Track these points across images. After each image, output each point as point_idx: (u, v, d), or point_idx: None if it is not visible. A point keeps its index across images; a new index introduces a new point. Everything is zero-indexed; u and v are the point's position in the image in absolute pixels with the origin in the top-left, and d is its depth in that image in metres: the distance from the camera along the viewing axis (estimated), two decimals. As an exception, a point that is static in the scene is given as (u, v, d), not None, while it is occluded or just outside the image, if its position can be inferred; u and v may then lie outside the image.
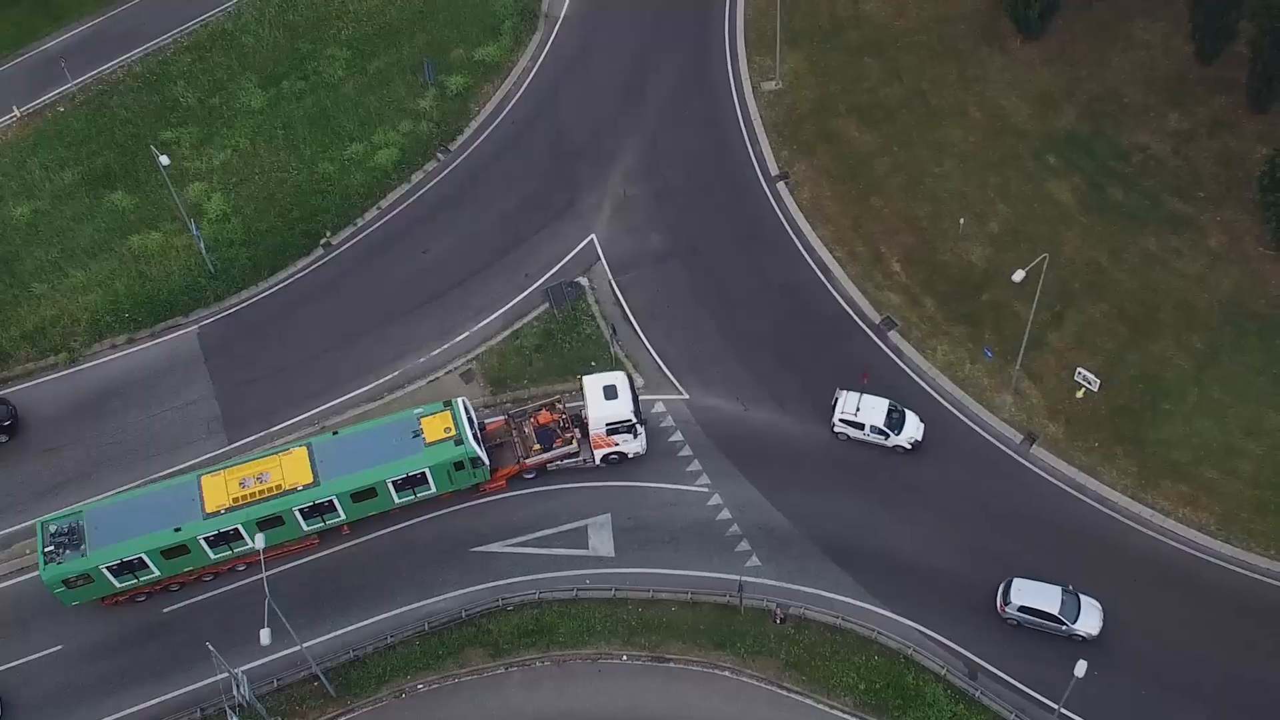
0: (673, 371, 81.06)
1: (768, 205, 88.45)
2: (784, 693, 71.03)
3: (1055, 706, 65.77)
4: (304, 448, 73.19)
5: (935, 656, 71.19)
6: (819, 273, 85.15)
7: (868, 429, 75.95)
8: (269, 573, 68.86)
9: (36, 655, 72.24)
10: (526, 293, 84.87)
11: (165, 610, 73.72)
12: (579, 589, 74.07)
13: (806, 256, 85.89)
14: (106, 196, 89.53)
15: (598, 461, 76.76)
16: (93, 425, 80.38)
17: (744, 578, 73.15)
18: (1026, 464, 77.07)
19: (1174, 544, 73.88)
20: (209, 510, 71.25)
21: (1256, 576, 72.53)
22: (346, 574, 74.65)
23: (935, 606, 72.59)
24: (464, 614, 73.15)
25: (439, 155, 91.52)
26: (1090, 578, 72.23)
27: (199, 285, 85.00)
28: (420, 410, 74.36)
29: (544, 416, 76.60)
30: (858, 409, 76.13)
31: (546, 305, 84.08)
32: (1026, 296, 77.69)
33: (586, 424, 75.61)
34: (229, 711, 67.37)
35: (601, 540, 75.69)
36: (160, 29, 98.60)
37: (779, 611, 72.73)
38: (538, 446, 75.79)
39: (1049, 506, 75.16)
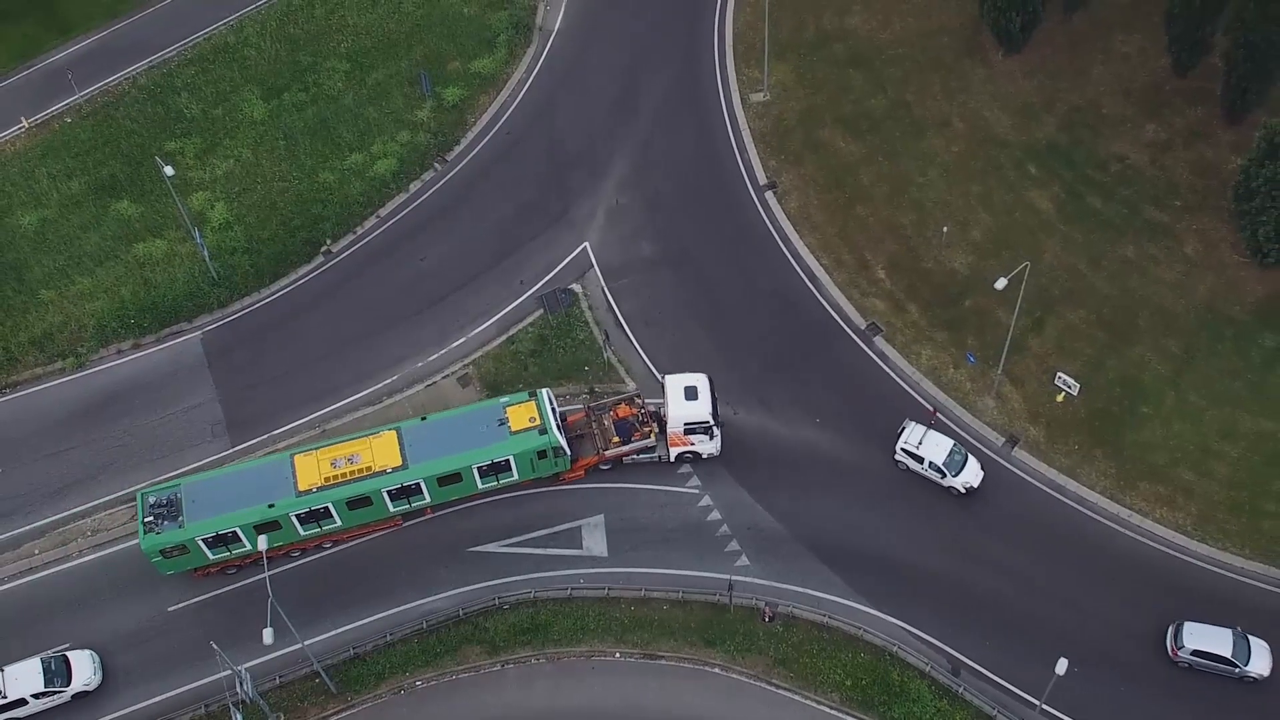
0: (664, 375, 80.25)
1: (756, 214, 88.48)
2: (773, 689, 71.06)
3: (1036, 703, 65.93)
4: (393, 431, 73.35)
5: (919, 653, 71.27)
6: (806, 280, 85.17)
7: (927, 464, 74.49)
8: (271, 572, 69.25)
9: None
10: (521, 299, 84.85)
11: (170, 609, 73.59)
12: (573, 588, 74.11)
13: (794, 264, 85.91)
14: (112, 205, 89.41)
15: (672, 459, 76.64)
16: (99, 429, 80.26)
17: (733, 577, 73.28)
18: (1008, 466, 77.10)
19: (1151, 544, 74.00)
20: (302, 488, 71.64)
21: (1232, 575, 72.68)
22: (346, 574, 74.61)
23: (920, 604, 72.65)
24: (461, 613, 73.18)
25: (436, 165, 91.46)
26: (1070, 576, 72.61)
27: (203, 292, 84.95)
28: (506, 399, 74.41)
29: (623, 410, 76.33)
30: (920, 442, 74.72)
31: (541, 311, 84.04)
32: (1008, 303, 77.90)
33: (665, 421, 75.46)
34: (233, 708, 67.45)
35: (595, 540, 75.71)
36: (164, 42, 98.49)
37: (767, 610, 72.71)
38: (617, 439, 75.50)
39: (1030, 507, 75.23)
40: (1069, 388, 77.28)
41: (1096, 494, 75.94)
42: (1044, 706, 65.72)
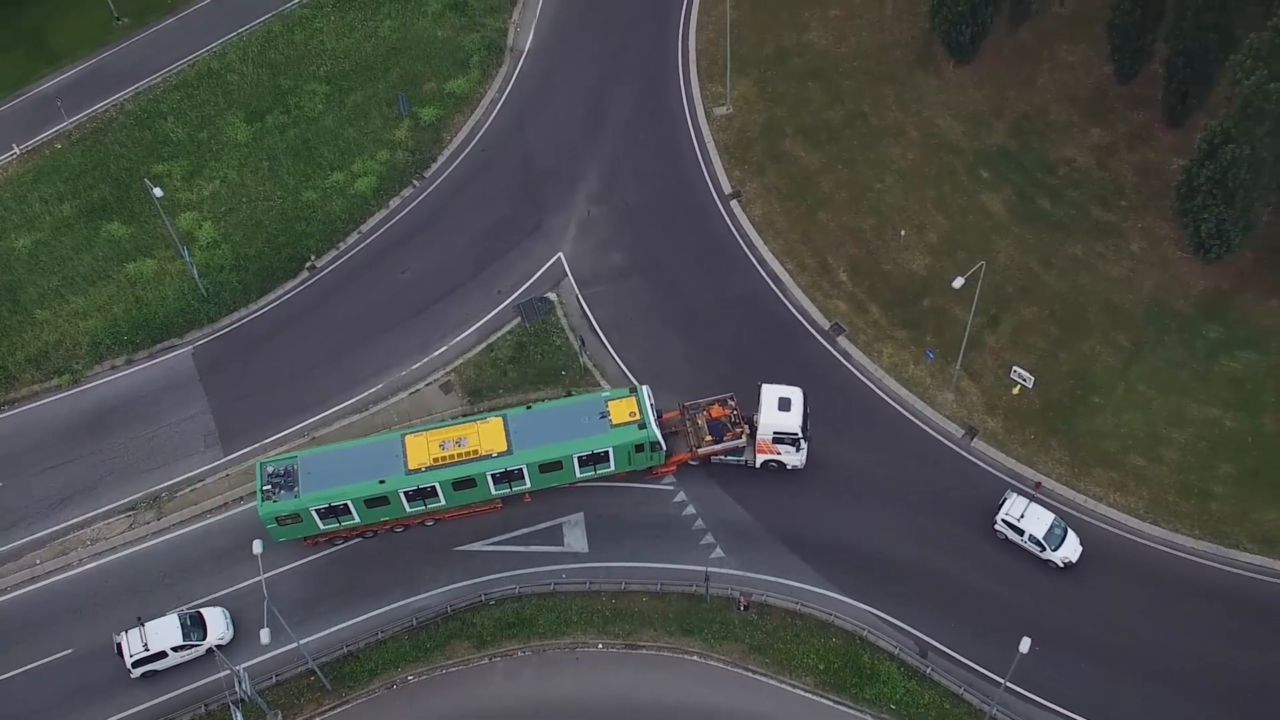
0: (637, 378, 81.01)
1: (722, 222, 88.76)
2: (749, 675, 71.43)
3: (1001, 681, 66.32)
4: (500, 418, 73.49)
5: (888, 637, 71.74)
6: (771, 283, 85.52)
7: (1027, 536, 72.41)
8: (267, 575, 69.38)
9: (48, 659, 71.99)
10: (499, 308, 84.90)
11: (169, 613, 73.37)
12: (556, 583, 74.30)
13: (759, 268, 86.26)
14: (103, 227, 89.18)
15: (757, 465, 76.21)
16: (95, 442, 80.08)
17: (709, 569, 73.43)
18: (968, 456, 77.68)
19: (1105, 527, 74.71)
20: (411, 467, 71.94)
21: (1182, 555, 73.50)
22: (339, 575, 74.62)
23: (887, 590, 73.12)
24: (449, 609, 73.29)
25: (414, 182, 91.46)
26: (1030, 561, 73.12)
27: (192, 308, 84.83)
28: (608, 394, 74.60)
29: (717, 410, 75.80)
30: (1023, 515, 72.57)
31: (519, 319, 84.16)
32: (965, 301, 78.56)
33: (756, 427, 75.29)
34: (232, 706, 67.58)
35: (576, 537, 75.90)
36: (150, 69, 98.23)
37: (742, 599, 73.05)
38: (709, 438, 75.16)
39: (990, 495, 75.73)
40: (1024, 380, 77.85)
41: (1053, 481, 76.56)
42: (1008, 684, 66.13)
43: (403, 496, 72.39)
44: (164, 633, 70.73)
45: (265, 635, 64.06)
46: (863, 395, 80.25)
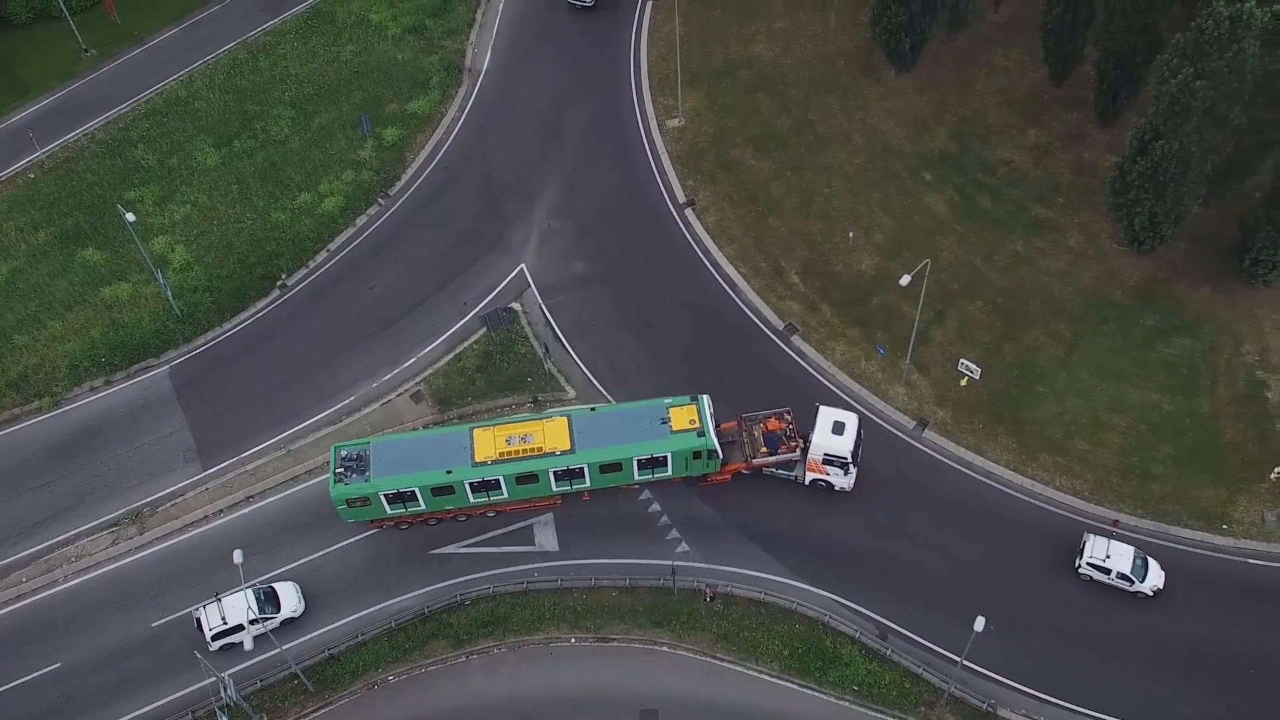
0: (601, 382, 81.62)
1: (677, 230, 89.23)
2: (717, 662, 71.94)
3: (958, 659, 67.02)
4: (565, 418, 73.51)
5: (849, 622, 72.41)
6: (726, 287, 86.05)
7: (1114, 574, 71.46)
8: (248, 584, 69.54)
9: (37, 673, 71.84)
10: (466, 319, 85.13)
11: (154, 624, 73.46)
12: (528, 582, 74.61)
13: (714, 273, 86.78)
14: (78, 253, 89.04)
15: (806, 482, 75.79)
16: (77, 462, 79.84)
17: (675, 562, 74.06)
18: (920, 446, 78.46)
19: (1053, 509, 75.65)
20: (478, 459, 72.12)
21: (1127, 534, 74.27)
22: (318, 580, 74.71)
23: (846, 577, 73.73)
24: (426, 610, 73.49)
25: (380, 200, 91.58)
26: (981, 544, 74.09)
27: (168, 329, 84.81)
28: (670, 401, 74.04)
29: (773, 424, 75.37)
30: (1107, 555, 71.54)
31: (485, 329, 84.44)
32: (912, 298, 79.41)
33: (809, 444, 74.73)
34: (218, 713, 67.59)
35: (546, 537, 76.23)
36: (119, 98, 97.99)
37: (708, 590, 73.56)
38: (764, 449, 74.88)
39: (942, 482, 76.71)
40: (971, 372, 78.64)
41: (1001, 467, 77.43)
42: (964, 662, 66.87)
43: (468, 487, 72.66)
44: (240, 607, 71.42)
45: (248, 642, 64.46)
46: (818, 391, 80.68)
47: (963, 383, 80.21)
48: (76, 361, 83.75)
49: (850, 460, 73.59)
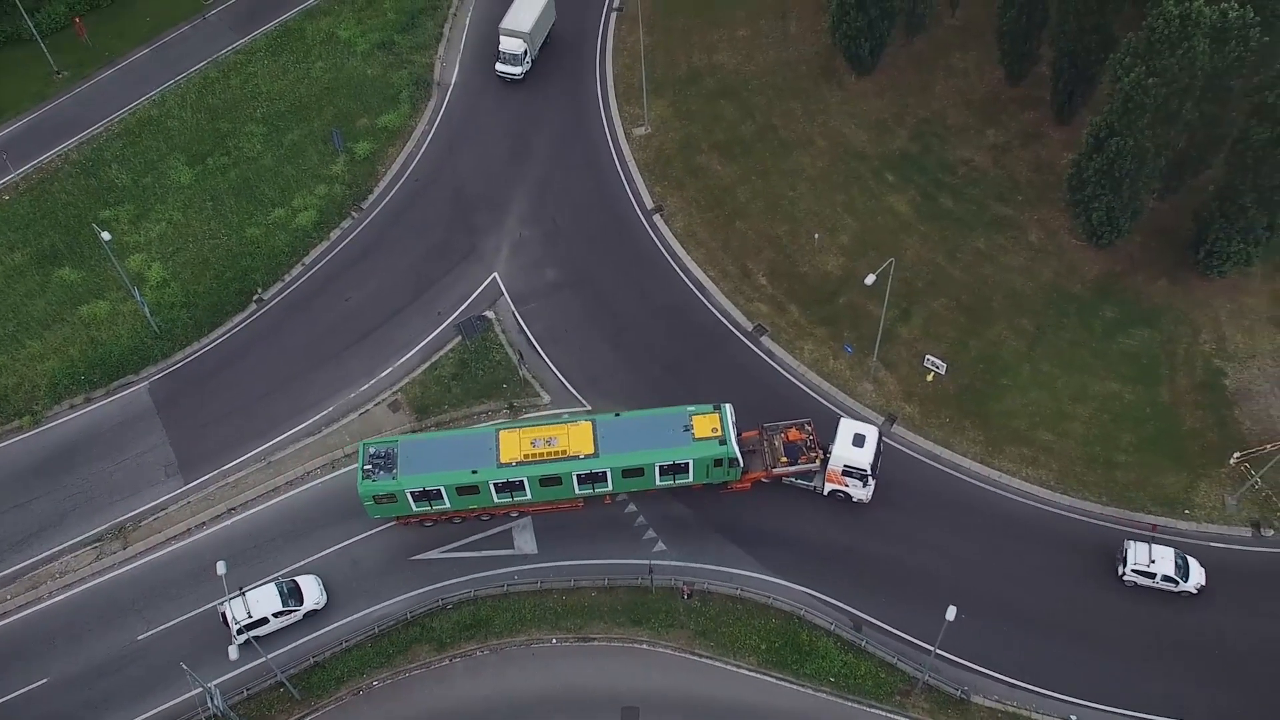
0: (574, 386, 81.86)
1: (646, 236, 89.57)
2: (696, 659, 72.25)
3: (931, 648, 67.60)
4: (589, 422, 73.45)
5: (824, 615, 72.86)
6: (696, 290, 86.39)
7: (1159, 577, 71.58)
8: (231, 595, 69.47)
9: (26, 689, 71.64)
10: (440, 328, 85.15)
11: (140, 638, 73.30)
12: (509, 585, 74.75)
13: (683, 277, 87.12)
14: (55, 272, 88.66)
15: (825, 493, 75.64)
16: (59, 479, 79.53)
17: (653, 561, 74.50)
18: (889, 441, 78.66)
19: (1020, 499, 76.39)
20: (503, 460, 72.17)
21: (1091, 521, 75.35)
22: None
23: (821, 571, 74.17)
24: (409, 615, 73.60)
25: (353, 214, 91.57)
26: (953, 533, 74.68)
27: (146, 345, 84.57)
28: (693, 409, 73.86)
29: (794, 434, 75.25)
30: (1151, 560, 71.61)
31: (459, 338, 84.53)
32: (877, 297, 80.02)
33: (828, 456, 74.58)
34: (206, 721, 67.86)
35: (525, 540, 76.41)
36: (92, 119, 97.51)
37: (685, 588, 73.88)
38: (784, 459, 74.72)
39: (911, 476, 77.17)
40: (937, 368, 79.39)
41: (969, 460, 78.09)
42: (938, 651, 67.41)
43: (492, 488, 72.76)
44: (264, 600, 72.06)
45: (234, 652, 64.23)
46: (788, 390, 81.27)
47: (929, 378, 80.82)
48: (56, 380, 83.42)
49: (869, 472, 73.46)
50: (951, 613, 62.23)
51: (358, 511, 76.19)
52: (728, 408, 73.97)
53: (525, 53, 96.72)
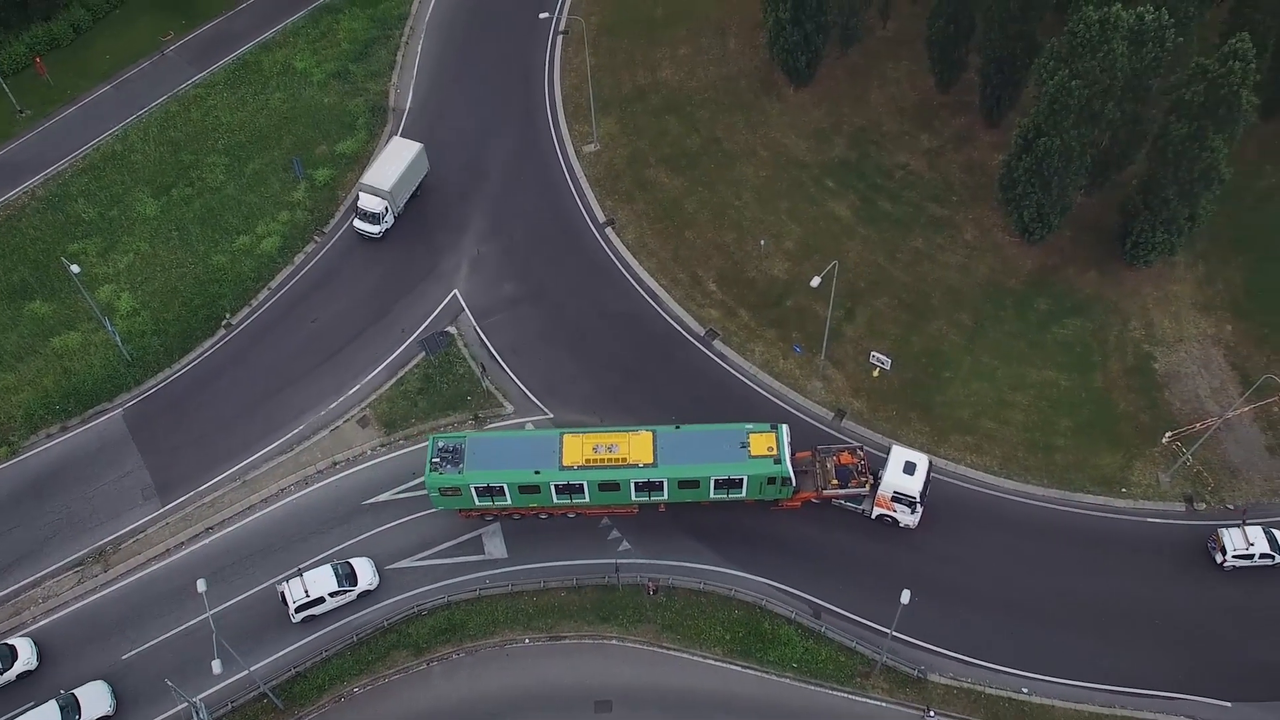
0: (537, 396, 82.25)
1: (599, 248, 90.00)
2: (664, 652, 72.94)
3: (888, 631, 68.59)
4: (650, 432, 73.29)
5: (785, 604, 73.68)
6: (649, 299, 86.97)
7: (1257, 556, 72.60)
8: (213, 610, 69.46)
9: (14, 713, 71.10)
10: (404, 345, 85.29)
11: (124, 657, 73.20)
12: (481, 589, 75.16)
13: (637, 287, 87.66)
14: (26, 306, 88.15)
15: (872, 516, 75.35)
16: (38, 506, 79.19)
17: (618, 560, 75.11)
18: (840, 436, 79.76)
19: (966, 485, 77.59)
20: (565, 463, 72.16)
21: (1034, 503, 76.68)
22: (278, 603, 74.59)
23: (779, 562, 74.99)
24: (386, 623, 73.88)
25: (315, 238, 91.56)
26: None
27: (119, 373, 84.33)
28: (751, 426, 73.59)
29: (846, 458, 74.91)
30: (1249, 543, 72.47)
31: (423, 354, 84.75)
32: (823, 298, 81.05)
33: (879, 480, 74.33)
34: (192, 736, 67.75)
35: (495, 545, 76.78)
36: (56, 156, 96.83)
37: (651, 584, 74.58)
38: (835, 482, 74.34)
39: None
40: (882, 363, 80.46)
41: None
42: (894, 633, 68.52)
43: (553, 489, 72.93)
44: (321, 581, 73.24)
45: (217, 666, 64.09)
46: (741, 391, 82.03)
47: (875, 374, 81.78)
48: (31, 410, 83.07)
49: (918, 500, 73.39)
50: (905, 596, 63.10)
51: (332, 525, 76.55)
52: (784, 428, 73.65)
53: (386, 210, 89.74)
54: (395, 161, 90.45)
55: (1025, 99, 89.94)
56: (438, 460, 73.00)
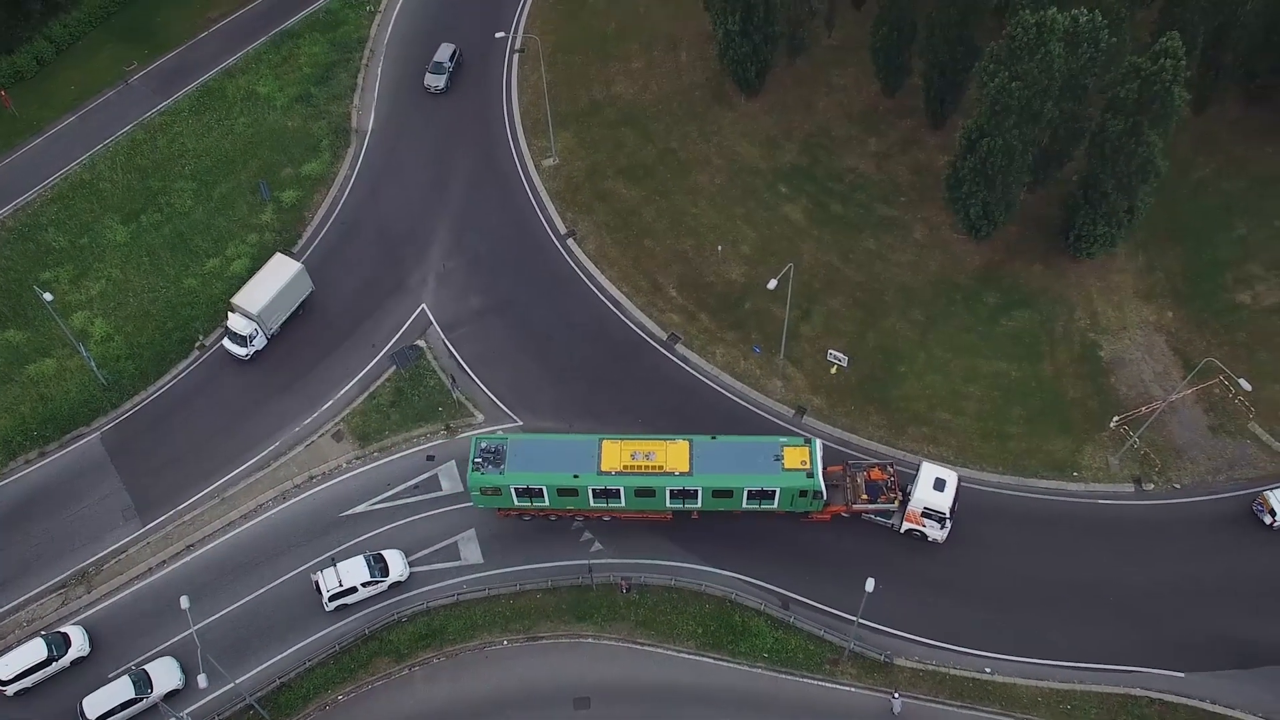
0: (506, 405, 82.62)
1: (562, 259, 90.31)
2: (639, 647, 73.45)
3: (854, 619, 69.47)
4: (687, 441, 73.01)
5: (754, 596, 74.31)
6: (612, 307, 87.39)
7: None
8: (197, 626, 69.43)
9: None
10: (375, 360, 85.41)
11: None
12: (459, 594, 75.41)
13: (599, 295, 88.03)
14: (0, 335, 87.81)
15: (901, 530, 75.25)
16: (20, 531, 78.80)
17: (591, 561, 75.55)
18: (801, 432, 79.84)
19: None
20: (603, 468, 71.95)
21: (988, 489, 77.65)
22: (264, 615, 74.82)
23: (748, 556, 75.58)
24: (367, 630, 74.06)
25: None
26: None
27: (95, 398, 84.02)
28: (785, 440, 73.43)
29: (876, 473, 74.78)
30: None
31: (394, 367, 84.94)
32: (780, 300, 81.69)
33: (908, 495, 74.44)
34: (180, 750, 67.76)
35: (471, 551, 77.07)
36: (24, 187, 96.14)
37: (623, 583, 75.06)
38: (865, 497, 74.16)
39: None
40: (840, 361, 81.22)
41: (875, 443, 79.97)
42: (860, 620, 69.29)
43: (590, 492, 72.84)
44: (354, 571, 74.25)
45: (203, 680, 64.12)
46: (704, 392, 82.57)
47: (833, 371, 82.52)
48: (9, 437, 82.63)
49: (948, 515, 73.59)
50: (870, 584, 63.87)
51: (311, 538, 76.62)
52: (817, 443, 73.69)
53: (256, 332, 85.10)
54: (269, 283, 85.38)
55: (968, 101, 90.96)
56: (480, 460, 73.09)
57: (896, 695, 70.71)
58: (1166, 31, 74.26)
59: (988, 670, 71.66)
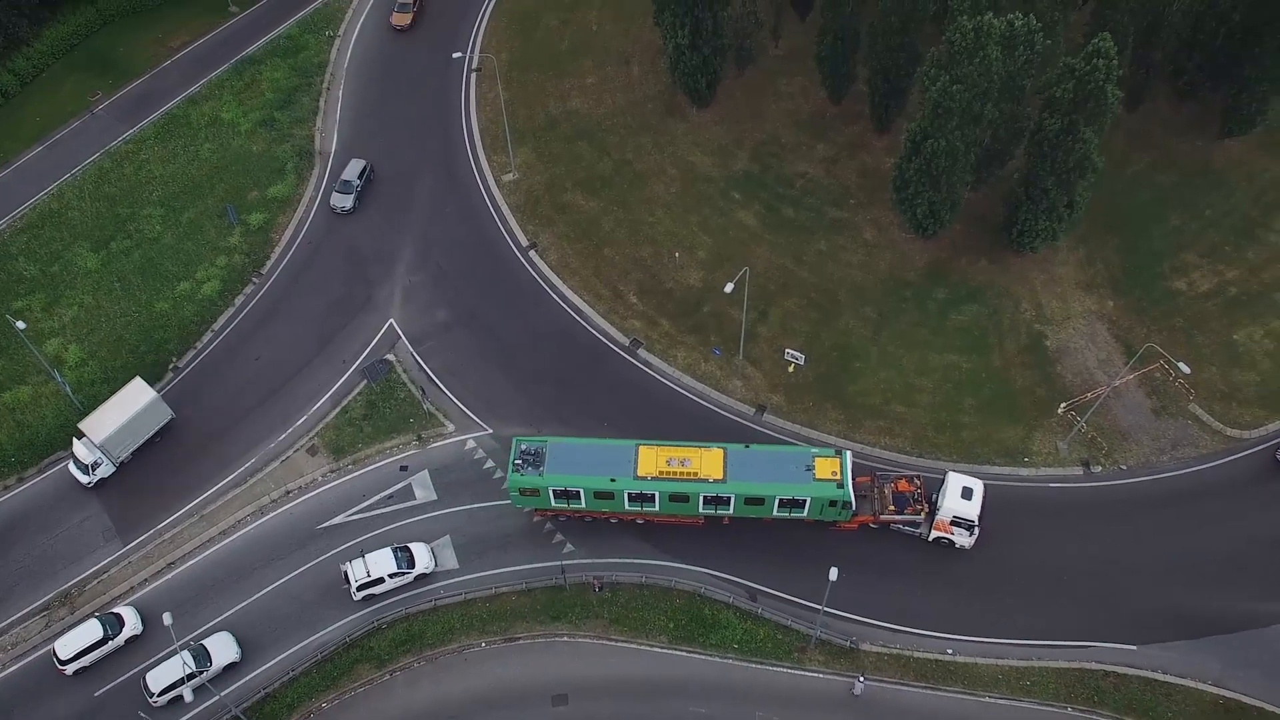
0: (475, 413, 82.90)
1: (524, 271, 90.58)
2: (613, 643, 73.97)
3: (820, 607, 70.21)
4: (721, 450, 73.08)
5: (723, 590, 74.96)
6: (575, 315, 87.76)
7: None
8: (180, 642, 69.42)
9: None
10: (346, 375, 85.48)
11: (96, 694, 72.86)
12: (436, 600, 75.63)
13: (562, 304, 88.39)
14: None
15: (929, 539, 75.49)
16: (1, 556, 78.36)
17: (564, 562, 75.93)
18: (762, 429, 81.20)
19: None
20: (640, 473, 72.06)
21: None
22: (247, 627, 74.74)
23: (714, 551, 76.23)
24: (348, 639, 74.21)
25: (254, 279, 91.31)
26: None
27: (72, 423, 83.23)
28: (817, 451, 73.73)
29: (903, 485, 75.08)
30: None
31: (365, 382, 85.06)
32: (737, 303, 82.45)
33: (936, 505, 74.73)
34: (168, 762, 67.70)
35: (446, 557, 77.27)
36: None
37: (596, 581, 75.54)
38: (892, 508, 74.36)
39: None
40: (796, 359, 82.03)
41: (834, 437, 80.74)
42: (826, 609, 70.07)
43: (626, 496, 72.97)
44: (381, 562, 75.10)
45: (188, 694, 64.31)
46: (666, 395, 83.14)
47: (790, 369, 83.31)
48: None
49: (976, 523, 73.88)
50: (833, 573, 64.63)
51: (290, 550, 76.75)
52: (848, 454, 73.81)
53: (99, 462, 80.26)
54: (119, 411, 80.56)
55: (911, 105, 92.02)
56: (520, 462, 73.38)
57: (862, 679, 71.49)
58: (1098, 33, 75.14)
59: (949, 651, 72.59)
